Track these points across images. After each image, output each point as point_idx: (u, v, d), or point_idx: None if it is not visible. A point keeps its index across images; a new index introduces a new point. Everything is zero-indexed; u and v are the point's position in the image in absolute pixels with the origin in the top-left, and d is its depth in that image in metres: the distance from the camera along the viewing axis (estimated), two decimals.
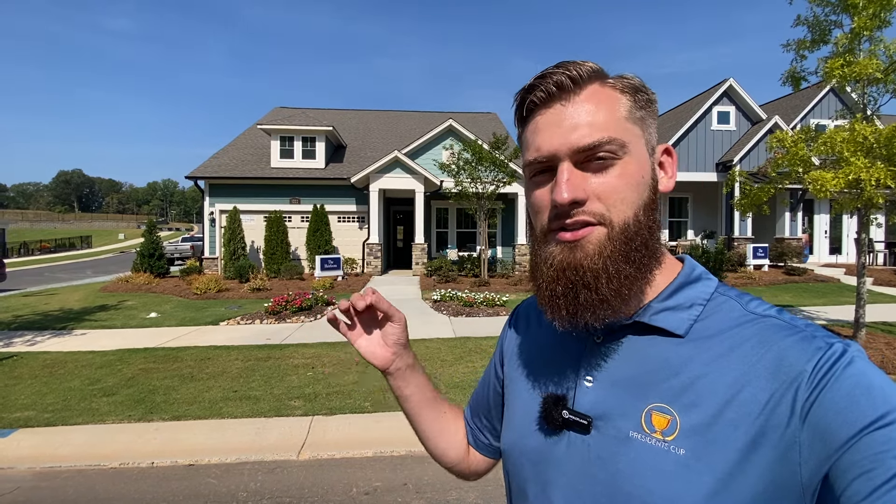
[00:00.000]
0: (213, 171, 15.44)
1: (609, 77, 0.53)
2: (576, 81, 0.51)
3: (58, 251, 38.56)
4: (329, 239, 14.42)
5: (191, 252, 23.86)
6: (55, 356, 6.22)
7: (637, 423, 0.49)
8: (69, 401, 4.59)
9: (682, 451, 0.46)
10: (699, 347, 0.50)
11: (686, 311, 0.52)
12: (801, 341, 0.45)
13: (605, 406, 0.52)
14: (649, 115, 0.54)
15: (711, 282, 0.55)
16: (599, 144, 0.49)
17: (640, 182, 0.51)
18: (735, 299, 0.52)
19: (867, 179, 5.03)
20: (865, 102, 6.11)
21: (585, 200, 0.50)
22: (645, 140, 0.53)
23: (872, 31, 5.62)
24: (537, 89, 0.52)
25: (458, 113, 20.68)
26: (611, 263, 0.49)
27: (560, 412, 0.54)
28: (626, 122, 0.51)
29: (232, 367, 5.60)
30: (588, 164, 0.50)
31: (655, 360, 0.51)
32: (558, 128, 0.51)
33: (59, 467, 3.41)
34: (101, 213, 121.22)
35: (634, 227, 0.50)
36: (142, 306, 10.02)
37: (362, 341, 0.70)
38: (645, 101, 0.53)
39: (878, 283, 11.88)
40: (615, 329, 0.54)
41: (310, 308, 9.04)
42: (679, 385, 0.48)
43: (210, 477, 3.27)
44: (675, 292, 0.54)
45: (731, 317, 0.50)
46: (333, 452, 3.58)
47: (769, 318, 0.49)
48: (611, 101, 0.51)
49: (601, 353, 0.55)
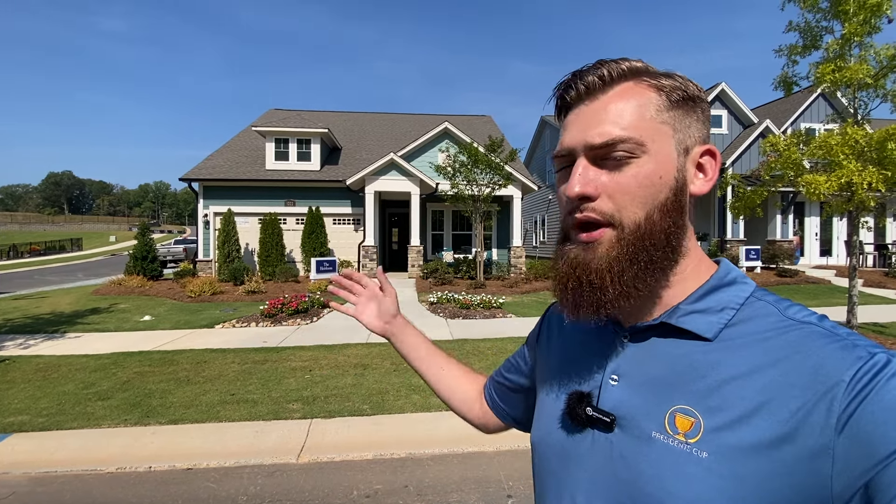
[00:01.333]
0: (208, 172, 15.35)
1: (647, 75, 0.53)
2: (605, 80, 0.52)
3: (48, 254, 38.11)
4: (324, 241, 14.38)
5: (184, 255, 23.70)
6: (48, 360, 6.14)
7: (660, 424, 0.49)
8: (63, 405, 4.54)
9: (704, 454, 0.45)
10: (729, 352, 0.49)
11: (716, 315, 0.51)
12: (841, 350, 0.44)
13: (628, 405, 0.52)
14: (688, 114, 0.53)
15: (747, 286, 0.54)
16: (613, 143, 0.50)
17: (656, 183, 0.50)
18: (773, 304, 0.51)
19: (859, 183, 5.11)
20: (856, 107, 6.22)
21: (596, 196, 0.51)
22: (676, 139, 0.52)
23: (863, 36, 5.73)
24: (570, 87, 0.54)
25: (453, 115, 20.72)
26: (616, 265, 0.50)
27: (584, 409, 0.55)
28: (652, 121, 0.51)
29: (228, 371, 5.56)
30: (606, 161, 0.51)
31: (682, 363, 0.51)
32: (580, 125, 0.52)
33: (54, 472, 3.37)
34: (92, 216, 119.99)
35: (646, 228, 0.50)
36: (135, 309, 9.92)
37: (364, 315, 0.92)
38: (681, 98, 0.52)
39: (868, 284, 12.04)
40: (642, 329, 0.55)
41: (306, 311, 9.00)
42: (705, 388, 0.48)
43: (209, 481, 3.24)
44: (706, 295, 0.53)
45: (766, 322, 0.49)
46: (333, 455, 3.57)
47: (809, 325, 0.47)
48: (639, 99, 0.51)
49: (627, 353, 0.55)
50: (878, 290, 11.47)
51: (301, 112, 20.32)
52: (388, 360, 5.88)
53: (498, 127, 20.86)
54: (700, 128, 0.54)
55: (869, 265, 15.54)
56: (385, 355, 6.12)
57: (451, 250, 16.57)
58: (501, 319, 8.65)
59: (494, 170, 12.17)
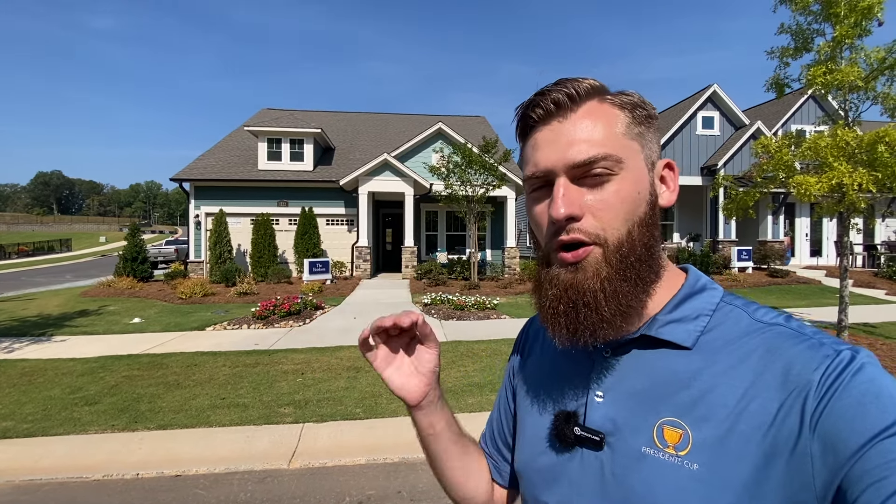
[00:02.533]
0: (199, 173, 15.19)
1: (609, 94, 0.54)
2: (573, 99, 0.52)
3: (36, 254, 37.57)
4: (317, 242, 14.28)
5: (175, 256, 23.43)
6: (34, 364, 6.02)
7: (649, 439, 0.49)
8: (49, 410, 4.44)
9: (695, 466, 0.45)
10: (707, 359, 0.49)
11: (692, 323, 0.52)
12: (808, 349, 0.45)
13: (616, 421, 0.52)
14: (648, 131, 0.54)
15: (716, 291, 0.55)
16: (595, 160, 0.50)
17: (635, 198, 0.51)
18: (742, 308, 0.52)
19: (850, 184, 5.14)
20: (847, 109, 6.27)
21: (581, 216, 0.51)
22: (644, 155, 0.53)
23: (854, 39, 5.78)
24: (536, 106, 0.53)
25: (447, 116, 20.69)
26: (608, 284, 0.50)
27: (572, 429, 0.54)
28: (623, 137, 0.51)
29: (219, 374, 5.48)
30: (584, 179, 0.51)
31: (664, 374, 0.51)
32: (555, 144, 0.51)
33: (39, 480, 3.29)
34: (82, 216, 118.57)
35: (628, 244, 0.51)
36: (125, 311, 9.78)
37: (391, 371, 0.61)
38: (644, 116, 0.54)
39: (858, 284, 12.17)
40: (622, 343, 0.54)
41: (298, 312, 8.92)
42: (689, 398, 0.48)
43: (198, 487, 3.18)
44: (681, 304, 0.54)
45: (738, 326, 0.50)
46: (325, 460, 3.52)
47: (777, 326, 0.49)
48: (608, 117, 0.52)
49: (610, 368, 0.55)
50: (867, 291, 11.60)
51: (294, 112, 20.20)
52: None
53: (492, 127, 20.86)
54: (658, 143, 0.56)
55: (858, 265, 15.72)
56: None
57: (445, 251, 16.53)
58: (496, 320, 8.63)
59: (488, 170, 12.15)
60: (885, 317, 8.51)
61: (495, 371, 5.45)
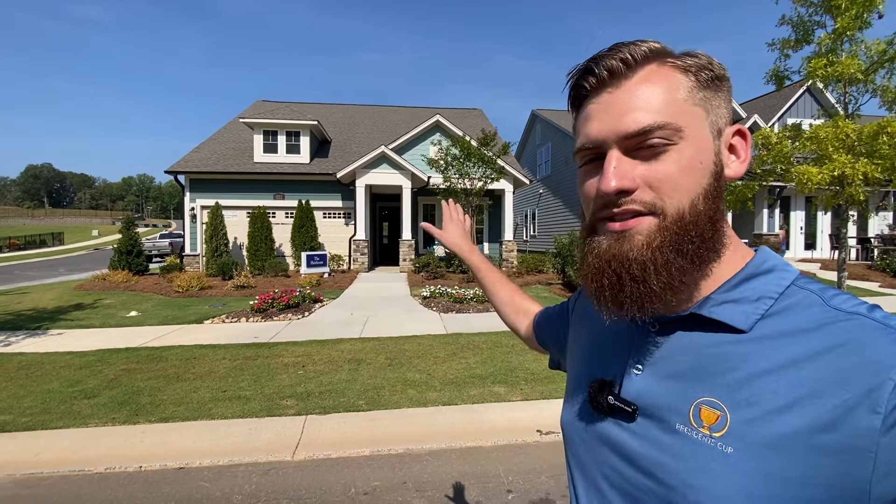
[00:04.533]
0: (194, 165, 15.04)
1: (671, 56, 0.50)
2: (628, 64, 0.48)
3: (28, 248, 37.18)
4: (315, 235, 14.21)
5: (170, 249, 23.27)
6: (31, 357, 5.96)
7: (684, 417, 0.47)
8: (48, 404, 4.40)
9: (729, 450, 0.43)
10: (764, 344, 0.46)
11: (751, 305, 0.48)
12: (892, 344, 0.41)
13: (651, 396, 0.51)
14: (716, 95, 0.50)
15: (788, 273, 0.50)
16: (650, 130, 0.46)
17: (697, 168, 0.47)
18: (816, 293, 0.47)
19: (853, 175, 5.16)
20: (847, 102, 6.28)
21: (634, 189, 0.47)
22: (709, 122, 0.49)
23: (854, 31, 5.77)
24: (589, 74, 0.50)
25: (445, 109, 20.58)
26: (660, 255, 0.47)
27: (605, 397, 0.53)
28: (685, 104, 0.48)
29: (219, 367, 5.45)
30: (639, 151, 0.48)
31: (710, 354, 0.48)
32: (607, 114, 0.48)
33: (40, 473, 3.26)
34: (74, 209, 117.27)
35: (691, 216, 0.47)
36: (121, 305, 9.70)
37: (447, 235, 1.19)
38: (709, 78, 0.49)
39: (852, 277, 12.28)
40: (671, 320, 0.52)
41: (297, 305, 8.89)
42: (734, 381, 0.45)
43: (202, 480, 3.16)
44: (741, 284, 0.50)
45: (808, 313, 0.46)
46: (329, 452, 3.51)
47: (857, 315, 0.44)
48: (668, 81, 0.48)
49: (653, 344, 0.53)
50: (861, 283, 11.71)
51: (290, 104, 19.99)
52: (382, 355, 5.82)
53: (489, 120, 20.76)
54: (727, 108, 0.51)
55: (852, 258, 15.85)
56: (379, 350, 6.06)
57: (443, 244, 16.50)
58: (495, 314, 8.60)
59: (487, 164, 12.11)
60: None
61: (496, 363, 5.46)
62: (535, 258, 14.25)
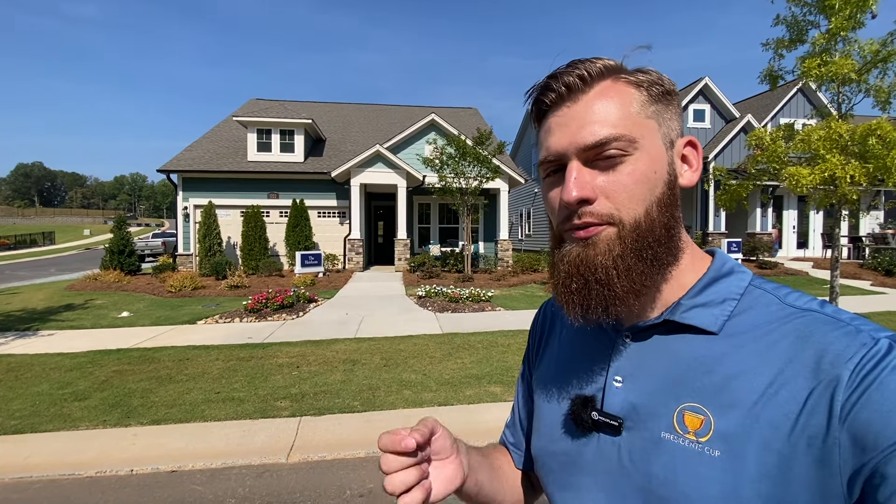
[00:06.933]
0: (187, 164, 14.90)
1: (624, 72, 0.52)
2: (585, 80, 0.51)
3: (18, 248, 36.74)
4: (309, 234, 14.13)
5: (163, 249, 23.07)
6: (20, 359, 5.87)
7: (669, 424, 0.48)
8: (38, 406, 4.33)
9: (717, 453, 0.44)
10: (734, 344, 0.48)
11: (718, 307, 0.50)
12: (844, 336, 0.43)
13: (635, 406, 0.51)
14: (667, 108, 0.53)
15: (745, 275, 0.53)
16: (607, 141, 0.49)
17: (652, 178, 0.50)
18: (772, 292, 0.50)
19: (842, 176, 5.19)
20: (840, 102, 6.31)
21: (594, 199, 0.49)
22: (662, 134, 0.52)
23: (848, 31, 5.80)
24: (548, 90, 0.52)
25: (440, 108, 20.54)
26: (621, 261, 0.49)
27: (589, 414, 0.53)
28: (638, 117, 0.50)
29: (213, 368, 5.40)
30: (597, 162, 0.50)
31: (687, 359, 0.50)
32: (567, 127, 0.51)
33: (29, 477, 3.20)
34: (65, 208, 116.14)
35: (646, 224, 0.49)
36: (112, 305, 9.59)
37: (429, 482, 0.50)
38: (660, 93, 0.52)
39: (844, 275, 12.39)
40: (644, 328, 0.53)
41: (291, 305, 8.83)
42: (712, 384, 0.47)
43: (195, 483, 3.12)
44: (706, 288, 0.52)
45: (768, 311, 0.49)
46: (324, 454, 3.48)
47: (810, 311, 0.47)
48: (622, 96, 0.50)
49: (630, 353, 0.54)
50: (853, 282, 11.82)
51: (284, 102, 19.86)
52: (377, 356, 5.79)
53: (484, 119, 20.76)
54: (678, 120, 0.54)
55: (844, 257, 16.01)
56: (374, 350, 6.03)
57: (438, 243, 16.48)
58: (490, 313, 8.62)
59: (482, 163, 12.10)
60: (871, 307, 8.69)
61: (492, 363, 5.44)
62: (530, 257, 14.27)
